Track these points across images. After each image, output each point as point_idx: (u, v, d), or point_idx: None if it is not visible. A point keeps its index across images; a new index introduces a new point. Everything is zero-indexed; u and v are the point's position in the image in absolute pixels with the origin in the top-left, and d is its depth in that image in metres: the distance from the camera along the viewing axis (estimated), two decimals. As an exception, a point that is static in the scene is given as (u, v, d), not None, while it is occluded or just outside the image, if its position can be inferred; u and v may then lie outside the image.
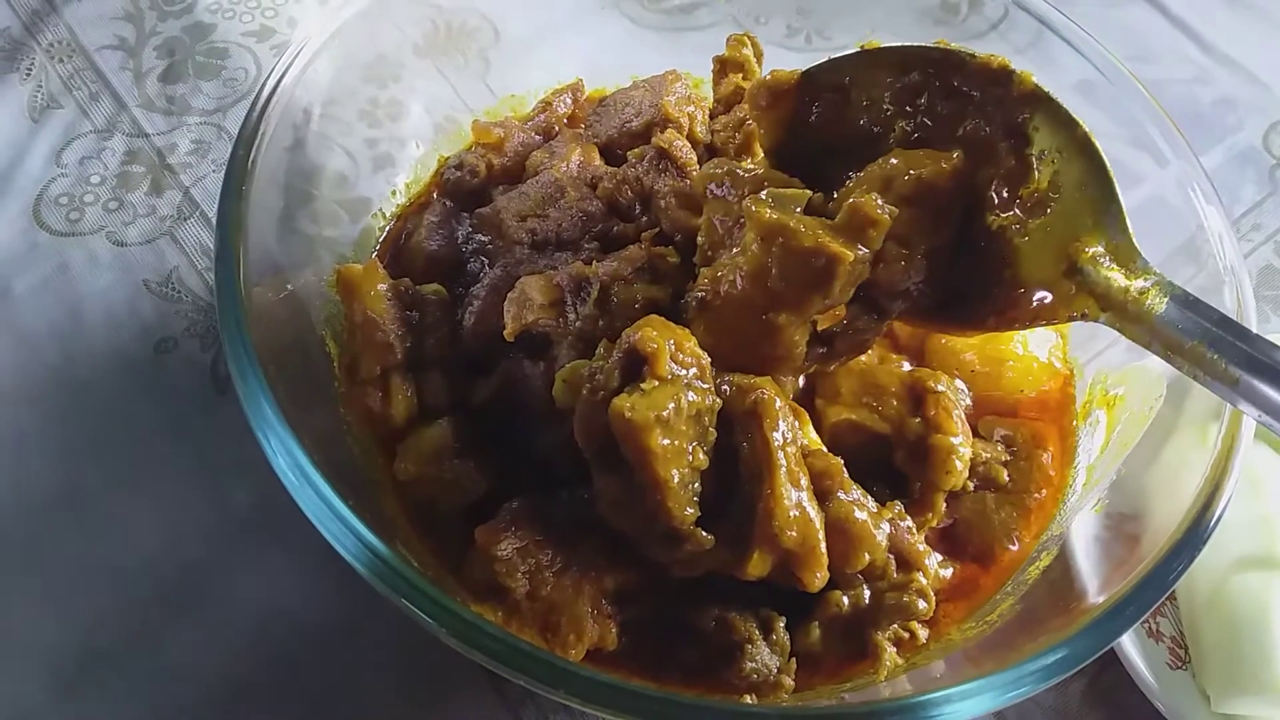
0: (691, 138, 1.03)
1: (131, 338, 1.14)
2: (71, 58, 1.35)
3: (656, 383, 0.79)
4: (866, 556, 0.83)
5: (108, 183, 1.25)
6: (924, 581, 0.89)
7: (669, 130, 1.01)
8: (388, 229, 1.12)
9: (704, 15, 1.33)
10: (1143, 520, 0.87)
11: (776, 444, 0.80)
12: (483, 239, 0.98)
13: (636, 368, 0.80)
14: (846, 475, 0.85)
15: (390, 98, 1.16)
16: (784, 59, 1.26)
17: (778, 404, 0.81)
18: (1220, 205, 1.00)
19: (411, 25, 1.18)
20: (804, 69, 0.93)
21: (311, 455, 0.76)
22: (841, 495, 0.83)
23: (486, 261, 0.97)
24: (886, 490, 0.92)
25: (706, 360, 0.82)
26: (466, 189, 1.07)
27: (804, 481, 0.81)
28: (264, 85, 0.95)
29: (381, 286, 0.95)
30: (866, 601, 0.88)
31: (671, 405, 0.78)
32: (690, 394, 0.80)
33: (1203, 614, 0.98)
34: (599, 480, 0.82)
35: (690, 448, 0.79)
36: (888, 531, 0.86)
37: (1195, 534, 0.79)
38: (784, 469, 0.80)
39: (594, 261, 0.91)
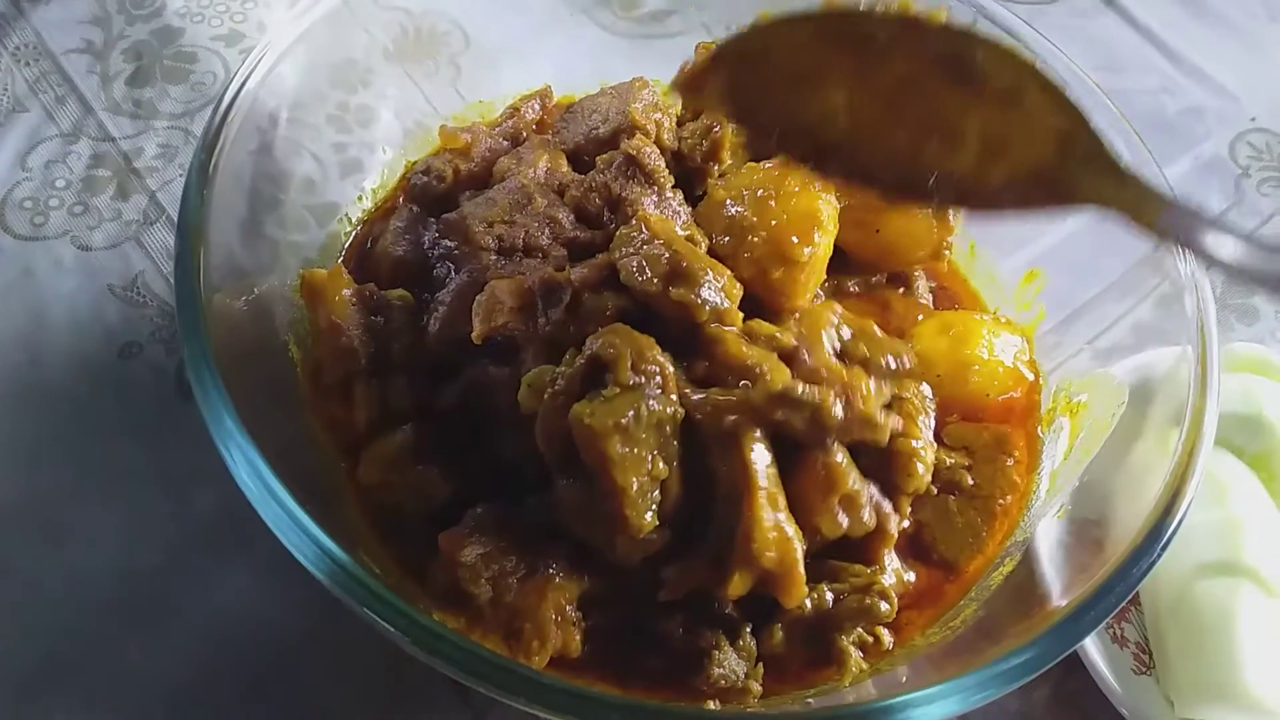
0: (659, 144, 1.02)
1: (96, 342, 1.13)
2: (38, 61, 1.34)
3: (618, 390, 0.79)
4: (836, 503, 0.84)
5: (73, 187, 1.24)
6: (886, 583, 0.89)
7: (637, 137, 1.01)
8: (354, 234, 1.12)
9: (675, 23, 1.33)
10: (1106, 525, 0.88)
11: (755, 466, 0.80)
12: (449, 244, 0.98)
13: (599, 375, 0.80)
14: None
15: (360, 103, 1.16)
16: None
17: (755, 429, 0.81)
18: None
19: (380, 29, 1.18)
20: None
21: (271, 463, 0.76)
22: None
23: (453, 267, 0.97)
24: None
25: (670, 370, 0.82)
26: (433, 194, 1.06)
27: (781, 502, 0.81)
28: (227, 89, 0.94)
29: (346, 292, 0.95)
30: (829, 604, 0.88)
31: (631, 413, 0.78)
32: (652, 403, 0.80)
33: (1167, 619, 0.98)
34: (559, 486, 0.83)
35: (650, 456, 0.79)
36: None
37: (1157, 537, 0.79)
38: (763, 491, 0.80)
39: (565, 268, 0.91)
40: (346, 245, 1.10)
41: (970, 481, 0.99)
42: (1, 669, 0.95)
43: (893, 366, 0.91)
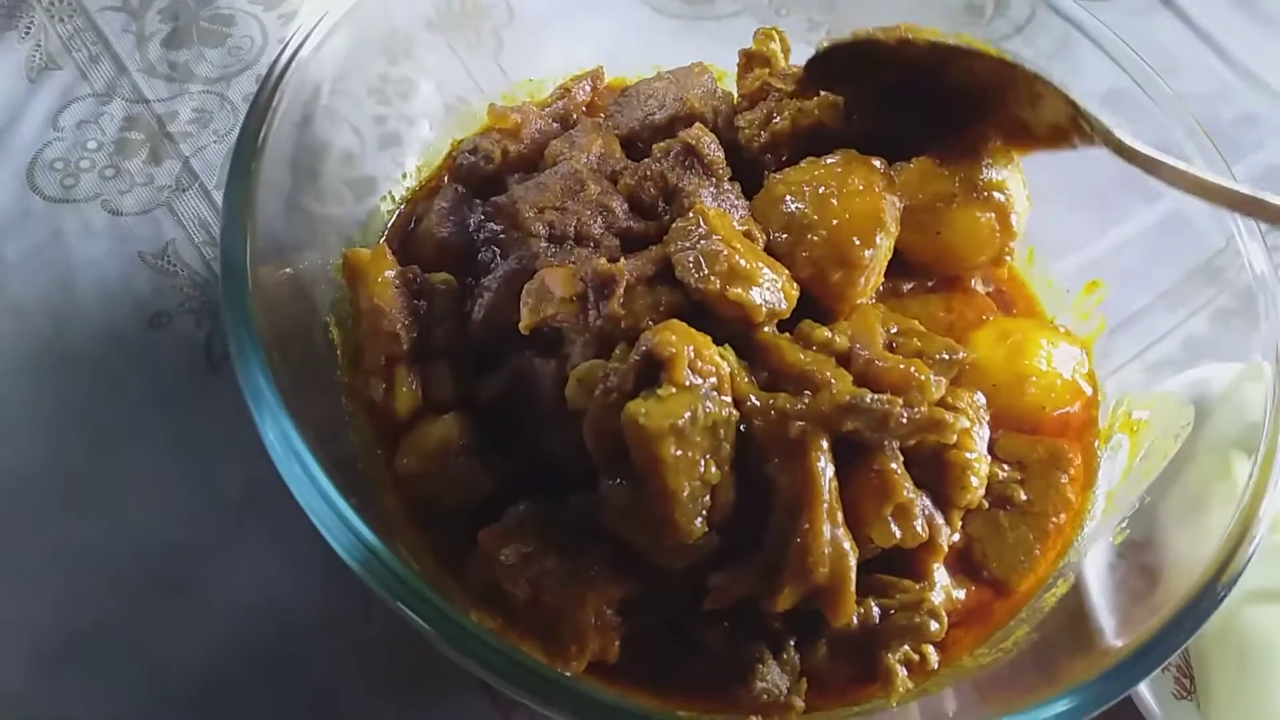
0: (716, 133, 0.99)
1: (124, 311, 1.11)
2: (72, 17, 1.31)
3: (673, 390, 0.76)
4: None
5: (105, 149, 1.21)
6: (936, 601, 0.86)
7: (696, 126, 0.98)
8: (397, 213, 1.09)
9: (725, 4, 1.31)
10: (1159, 552, 0.86)
11: (820, 478, 0.78)
12: (495, 229, 0.95)
13: (653, 373, 0.77)
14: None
15: (401, 74, 1.13)
16: (805, 54, 1.24)
17: (823, 438, 0.79)
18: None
19: (427, 1, 1.15)
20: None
21: (311, 445, 0.74)
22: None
23: (499, 252, 0.94)
24: None
25: (727, 370, 0.80)
26: (480, 175, 1.03)
27: (840, 516, 0.79)
28: (279, 58, 0.92)
29: (389, 273, 0.92)
30: (876, 620, 0.86)
31: (687, 414, 0.75)
32: (708, 404, 0.77)
33: (1212, 645, 0.96)
34: (605, 486, 0.80)
35: (703, 460, 0.77)
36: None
37: (1215, 588, 0.78)
38: (825, 505, 0.77)
39: (618, 259, 0.88)
40: (390, 224, 1.08)
41: (1023, 497, 0.96)
42: (23, 641, 0.94)
43: (946, 359, 0.89)
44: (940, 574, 0.89)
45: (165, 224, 1.17)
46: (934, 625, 0.85)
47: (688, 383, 0.77)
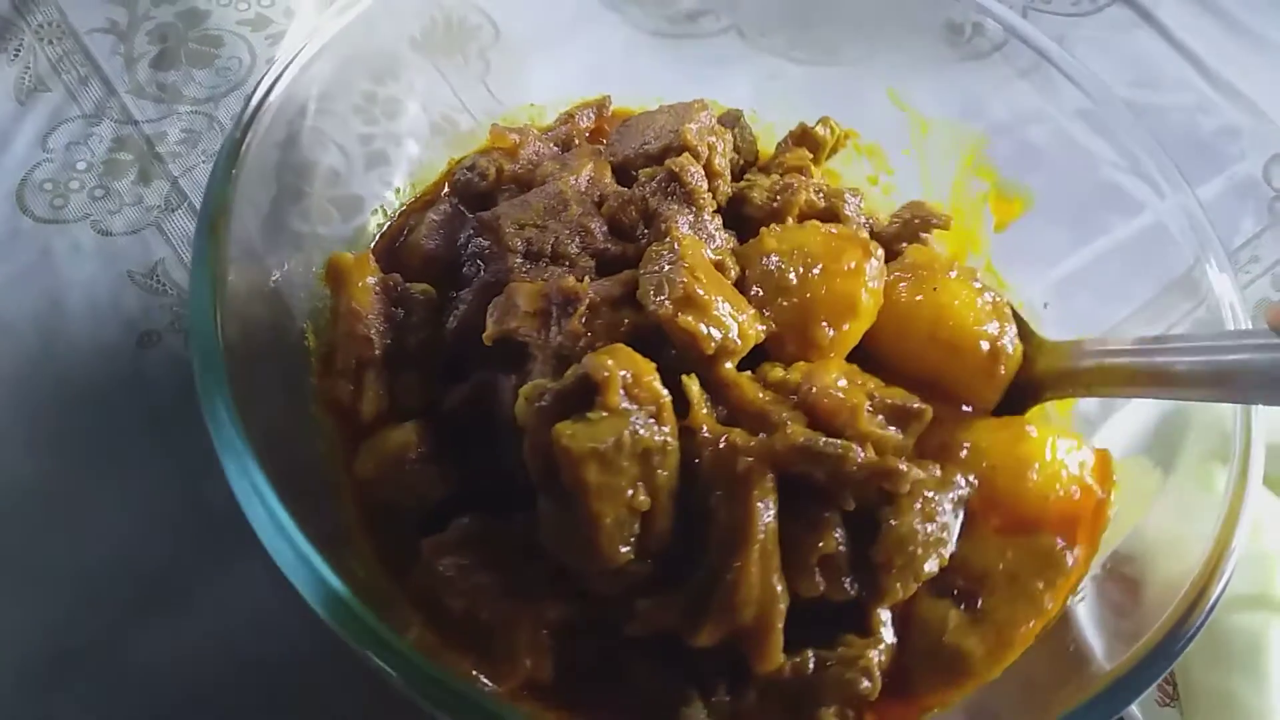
0: (709, 169, 1.01)
1: (114, 330, 1.12)
2: (61, 40, 1.33)
3: (604, 414, 0.76)
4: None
5: (94, 170, 1.22)
6: (874, 660, 0.83)
7: (684, 155, 0.99)
8: (387, 225, 1.10)
9: (708, 23, 1.31)
10: (1140, 563, 0.86)
11: (759, 518, 0.77)
12: (482, 243, 0.96)
13: (589, 395, 0.77)
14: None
15: (388, 95, 1.14)
16: (787, 72, 1.25)
17: (769, 477, 0.79)
18: (1216, 239, 1.00)
19: (411, 19, 1.16)
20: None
21: (258, 452, 0.75)
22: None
23: (482, 266, 0.95)
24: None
25: (668, 398, 0.79)
26: (474, 191, 1.04)
27: (776, 561, 0.78)
28: (263, 81, 0.93)
29: (370, 280, 0.94)
30: (810, 669, 0.83)
31: (612, 440, 0.75)
32: (640, 430, 0.77)
33: (1194, 652, 0.95)
34: (541, 503, 0.80)
35: (632, 488, 0.76)
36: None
37: (1200, 605, 0.78)
38: (759, 545, 0.77)
39: (586, 279, 0.89)
40: (379, 235, 1.09)
41: (978, 605, 0.87)
42: (10, 659, 0.94)
43: (902, 406, 0.86)
44: (887, 631, 0.85)
45: (154, 244, 1.18)
46: (865, 684, 0.82)
47: (621, 407, 0.76)
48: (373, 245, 1.08)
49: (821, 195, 1.04)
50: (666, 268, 0.85)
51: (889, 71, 1.19)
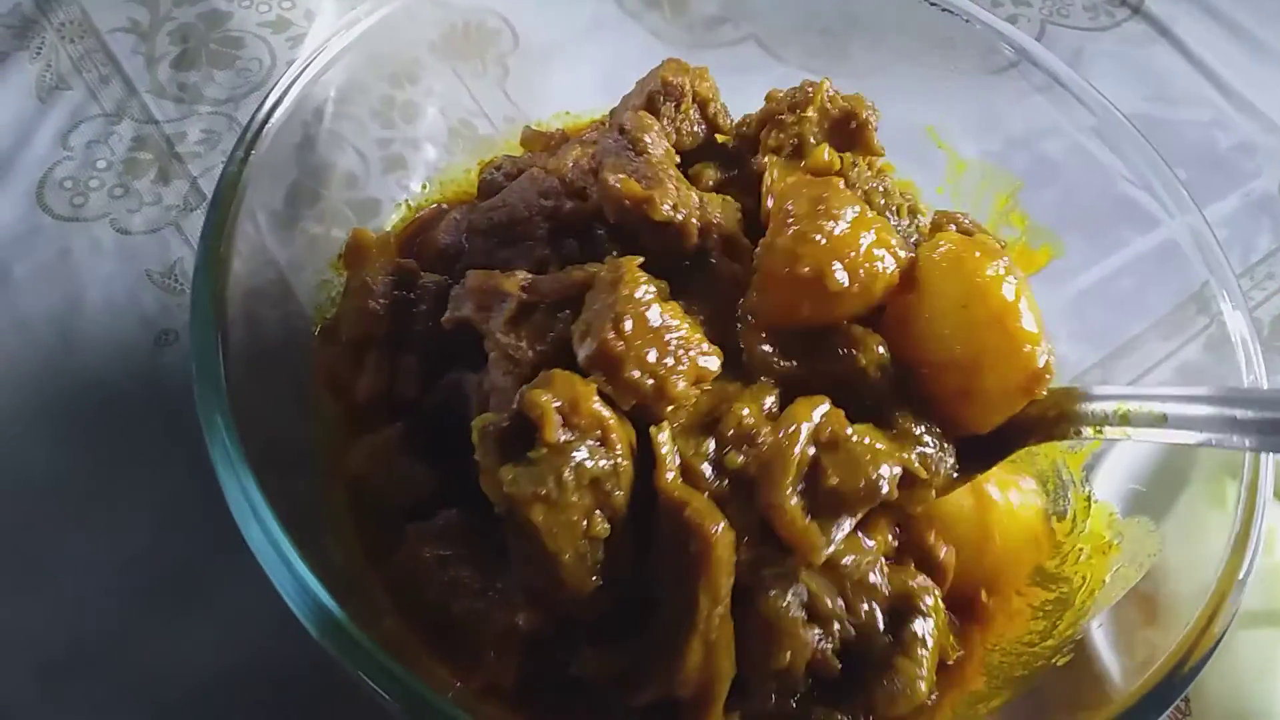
0: (700, 99, 1.03)
1: (131, 328, 1.12)
2: (83, 38, 1.34)
3: (544, 450, 0.74)
4: (788, 656, 0.78)
5: (114, 168, 1.23)
6: None
7: (642, 113, 0.97)
8: (415, 219, 1.11)
9: (727, 32, 1.32)
10: (1155, 581, 0.86)
11: (703, 608, 0.75)
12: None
13: (530, 431, 0.75)
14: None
15: (406, 99, 1.15)
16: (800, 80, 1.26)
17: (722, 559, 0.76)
18: (1228, 262, 1.00)
19: (430, 24, 1.16)
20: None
21: (241, 437, 0.76)
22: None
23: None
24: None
25: (611, 419, 0.77)
26: (494, 190, 1.04)
27: (725, 640, 0.76)
28: (277, 85, 0.94)
29: (387, 260, 0.94)
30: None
31: (552, 479, 0.73)
32: (585, 461, 0.75)
33: (1207, 668, 0.97)
34: (508, 540, 0.78)
35: (586, 520, 0.75)
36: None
37: (1208, 637, 0.78)
38: (700, 634, 0.75)
39: (520, 273, 0.87)
40: (403, 226, 1.10)
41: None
42: (25, 654, 0.95)
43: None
44: None
45: (173, 243, 1.18)
46: None
47: (560, 441, 0.75)
48: (394, 232, 1.09)
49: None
50: (601, 309, 0.80)
51: (904, 83, 1.19)
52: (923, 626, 0.83)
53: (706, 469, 0.80)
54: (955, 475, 0.85)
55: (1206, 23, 1.59)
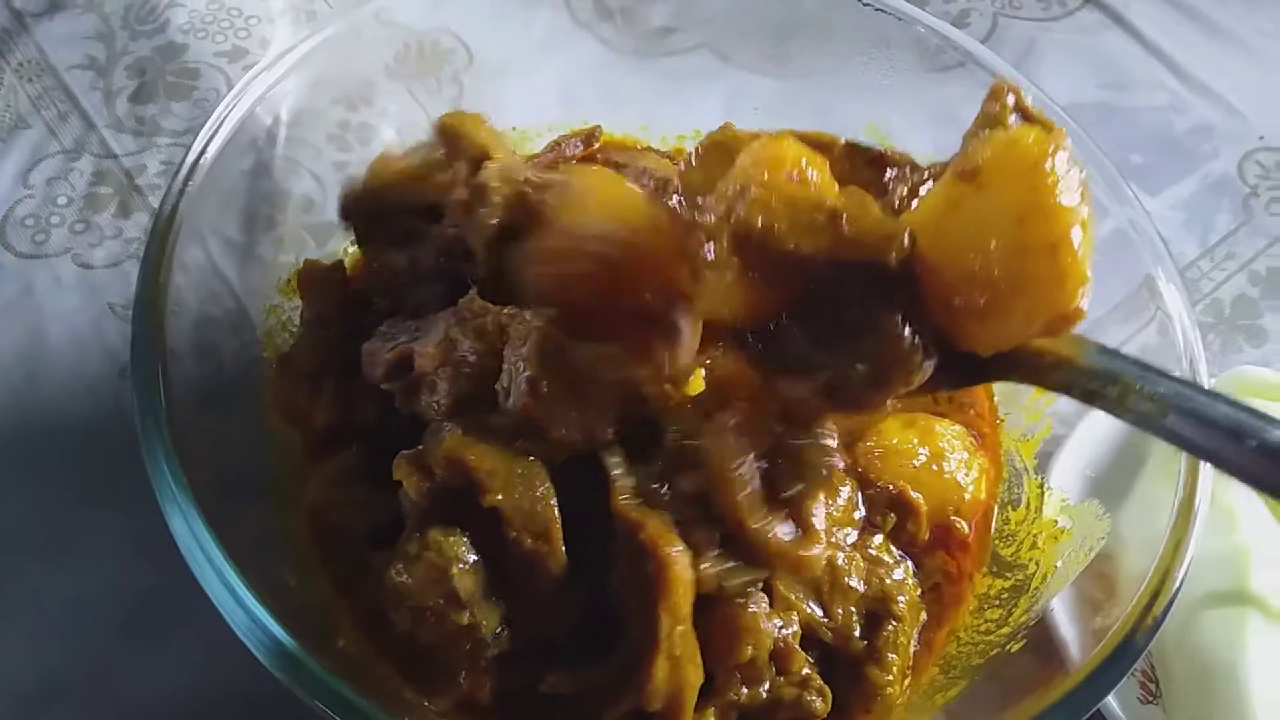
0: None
1: (96, 362, 1.13)
2: (40, 77, 1.34)
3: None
4: (749, 650, 0.79)
5: (75, 204, 1.24)
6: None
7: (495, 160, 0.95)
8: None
9: (679, 40, 1.32)
10: (1115, 561, 0.86)
11: (665, 627, 0.75)
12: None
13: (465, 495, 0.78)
14: None
15: (361, 121, 1.15)
16: (760, 85, 1.26)
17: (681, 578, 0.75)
18: (1168, 253, 1.00)
19: (383, 45, 1.17)
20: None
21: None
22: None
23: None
24: None
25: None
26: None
27: (691, 652, 0.77)
28: (218, 109, 0.95)
29: (340, 288, 0.95)
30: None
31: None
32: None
33: (1173, 649, 0.97)
34: None
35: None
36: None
37: (1157, 604, 0.78)
38: (664, 650, 0.75)
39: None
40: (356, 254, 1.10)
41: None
42: (2, 688, 0.95)
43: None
44: None
45: (135, 276, 1.17)
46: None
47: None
48: (346, 259, 1.09)
49: None
50: (517, 363, 0.79)
51: (859, 82, 1.20)
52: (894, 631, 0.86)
53: (660, 488, 0.79)
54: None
55: (1160, 7, 1.59)
